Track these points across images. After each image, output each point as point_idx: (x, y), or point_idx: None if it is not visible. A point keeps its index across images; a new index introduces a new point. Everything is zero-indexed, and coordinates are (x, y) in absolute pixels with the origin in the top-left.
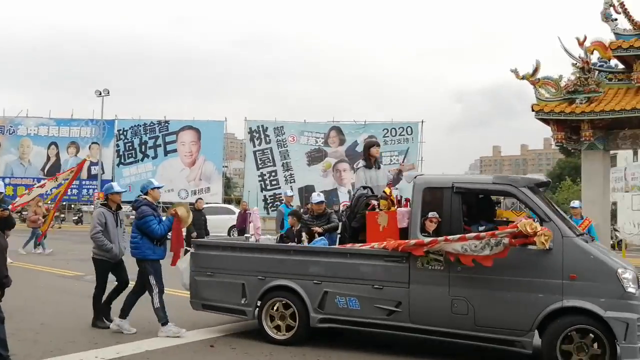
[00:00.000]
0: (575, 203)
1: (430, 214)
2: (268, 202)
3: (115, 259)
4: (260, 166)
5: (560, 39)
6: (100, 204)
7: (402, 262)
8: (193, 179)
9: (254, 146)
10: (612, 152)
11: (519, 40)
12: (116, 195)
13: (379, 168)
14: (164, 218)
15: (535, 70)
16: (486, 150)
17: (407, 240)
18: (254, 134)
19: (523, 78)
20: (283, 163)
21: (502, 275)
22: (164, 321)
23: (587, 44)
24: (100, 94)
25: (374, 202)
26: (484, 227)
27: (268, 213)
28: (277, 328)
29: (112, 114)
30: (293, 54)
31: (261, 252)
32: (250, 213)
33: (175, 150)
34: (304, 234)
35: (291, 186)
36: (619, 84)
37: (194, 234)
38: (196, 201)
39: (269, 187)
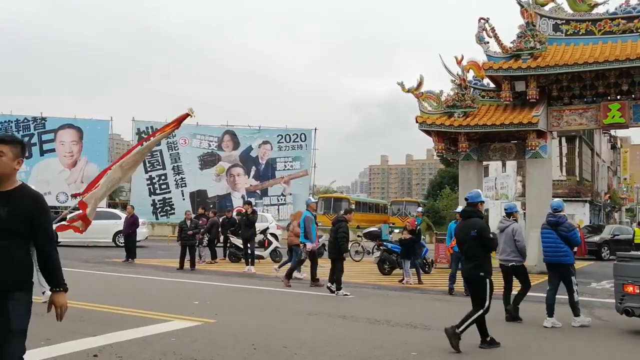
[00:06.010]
0: (458, 208)
1: None
2: (157, 206)
3: None
4: (149, 169)
5: (441, 56)
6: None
7: None
8: (74, 182)
9: None
10: (485, 162)
11: (414, 56)
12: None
13: None
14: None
15: (419, 85)
16: (375, 159)
17: None
18: (143, 135)
19: (408, 91)
20: (174, 166)
21: None
22: (578, 313)
23: (464, 63)
24: None
25: None
26: None
27: (157, 218)
28: None
29: None
30: (188, 54)
31: None
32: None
33: (53, 150)
34: None
35: (182, 190)
36: (490, 101)
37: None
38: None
39: (158, 191)
